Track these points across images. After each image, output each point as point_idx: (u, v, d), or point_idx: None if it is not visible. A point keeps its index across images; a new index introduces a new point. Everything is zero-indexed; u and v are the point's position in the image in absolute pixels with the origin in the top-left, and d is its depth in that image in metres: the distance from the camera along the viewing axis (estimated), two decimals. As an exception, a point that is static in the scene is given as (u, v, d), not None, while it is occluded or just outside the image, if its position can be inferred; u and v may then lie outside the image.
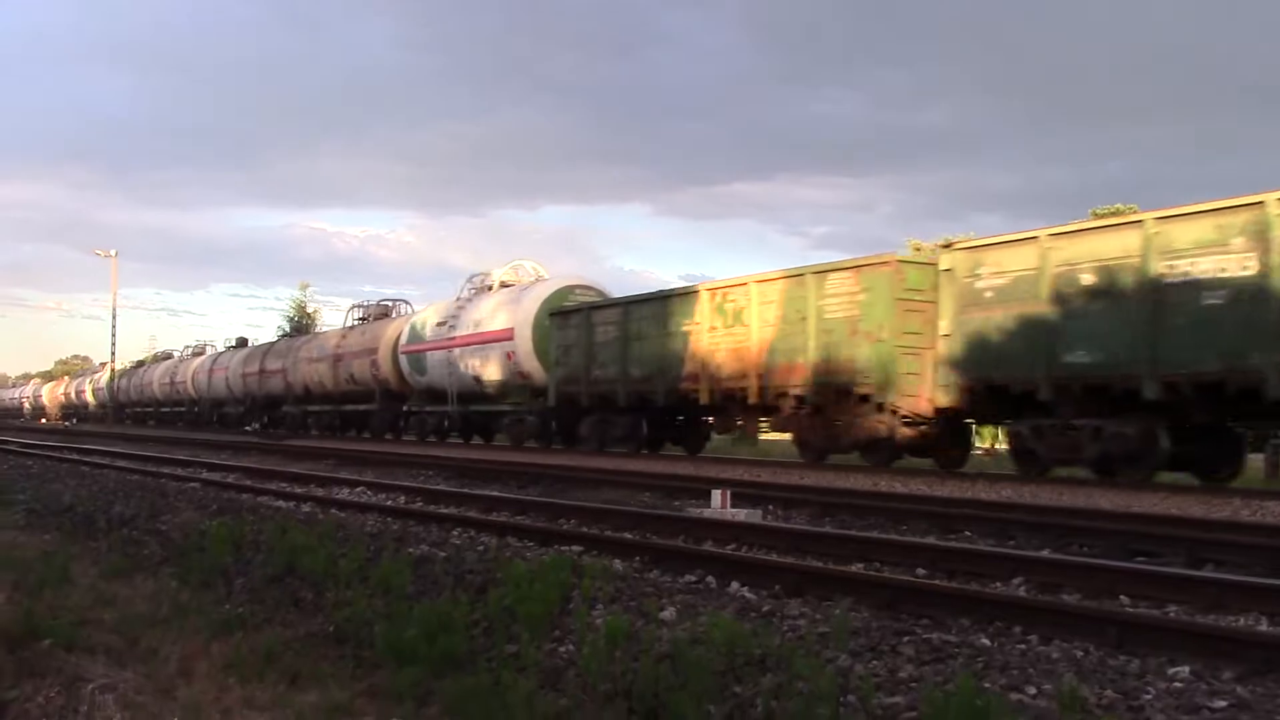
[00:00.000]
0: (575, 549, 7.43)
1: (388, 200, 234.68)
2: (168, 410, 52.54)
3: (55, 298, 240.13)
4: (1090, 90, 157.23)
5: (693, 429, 21.64)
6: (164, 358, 57.73)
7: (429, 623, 4.80)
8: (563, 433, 23.60)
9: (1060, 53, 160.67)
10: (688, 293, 19.75)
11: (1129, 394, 12.96)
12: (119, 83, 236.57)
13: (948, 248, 15.34)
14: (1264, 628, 5.05)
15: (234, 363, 42.78)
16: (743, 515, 9.14)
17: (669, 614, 5.21)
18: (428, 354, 28.07)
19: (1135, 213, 15.95)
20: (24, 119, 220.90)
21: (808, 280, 16.98)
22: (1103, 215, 23.42)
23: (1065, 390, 13.66)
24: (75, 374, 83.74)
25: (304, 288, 61.83)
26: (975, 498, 10.98)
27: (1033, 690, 3.88)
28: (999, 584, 6.22)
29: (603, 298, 24.29)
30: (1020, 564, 6.55)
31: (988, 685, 3.88)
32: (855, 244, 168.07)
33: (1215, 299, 12.13)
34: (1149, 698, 3.79)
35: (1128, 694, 3.83)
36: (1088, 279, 13.39)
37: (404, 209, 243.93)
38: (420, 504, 10.94)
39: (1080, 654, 4.39)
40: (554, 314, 23.41)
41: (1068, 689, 3.66)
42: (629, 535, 8.33)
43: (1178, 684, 3.95)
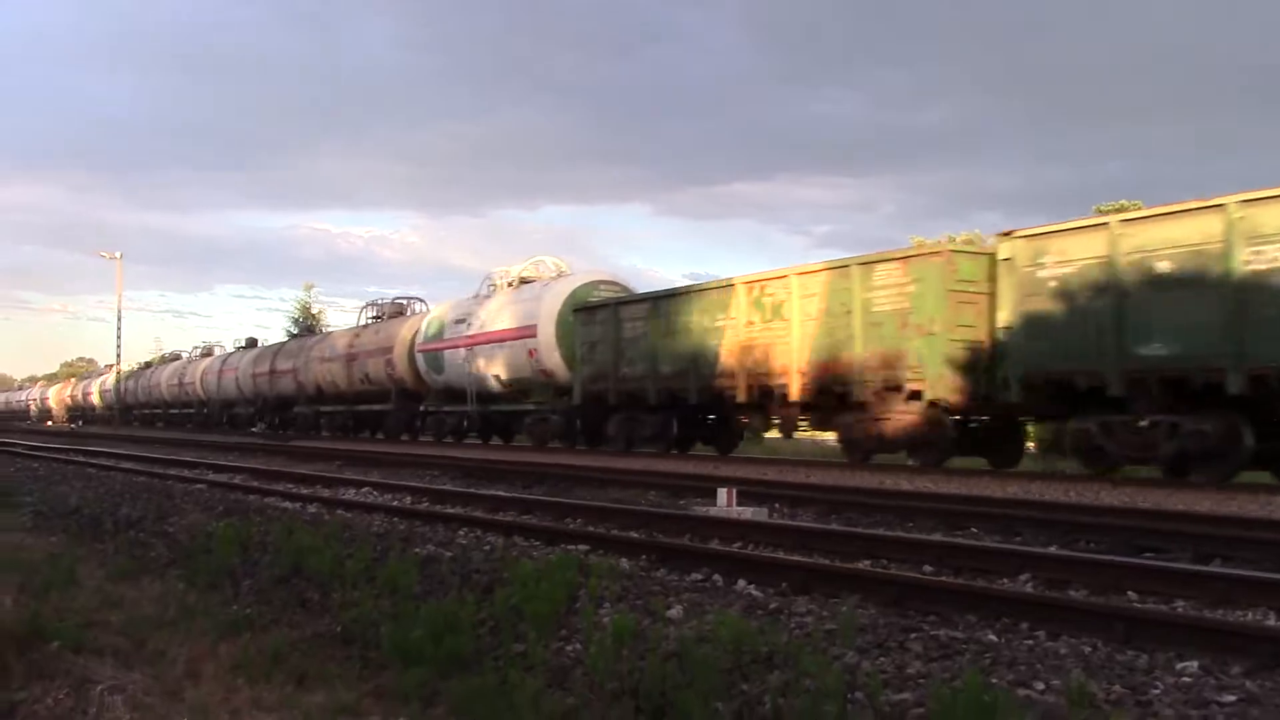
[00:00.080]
0: (581, 548, 7.44)
1: (389, 201, 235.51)
2: (176, 412, 51.93)
3: (60, 300, 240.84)
4: (1090, 90, 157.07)
5: (725, 428, 20.76)
6: (172, 359, 57.27)
7: (435, 623, 4.80)
8: (587, 432, 22.97)
9: (1060, 52, 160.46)
10: (722, 286, 18.95)
11: (1210, 388, 12.21)
12: (119, 83, 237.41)
13: (1007, 236, 14.42)
14: (1272, 622, 5.05)
15: (244, 363, 42.09)
16: (749, 513, 9.13)
17: (676, 612, 5.21)
18: (445, 352, 27.31)
19: (1138, 208, 15.61)
20: (24, 120, 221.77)
21: (853, 272, 16.21)
22: (1106, 212, 23.20)
23: (1139, 384, 12.89)
24: (81, 376, 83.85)
25: (308, 288, 61.50)
26: (981, 495, 10.97)
27: (1041, 686, 3.88)
28: (1006, 580, 6.21)
29: (627, 293, 23.53)
30: (1027, 560, 6.53)
31: (995, 681, 3.87)
32: (857, 243, 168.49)
33: None
34: (1157, 692, 3.79)
35: (1136, 689, 3.82)
36: (1164, 267, 12.55)
37: (406, 209, 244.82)
38: (426, 504, 10.95)
39: (1088, 649, 4.39)
40: (578, 310, 22.77)
41: (1076, 684, 3.66)
42: (635, 534, 8.34)
43: (1186, 679, 3.94)
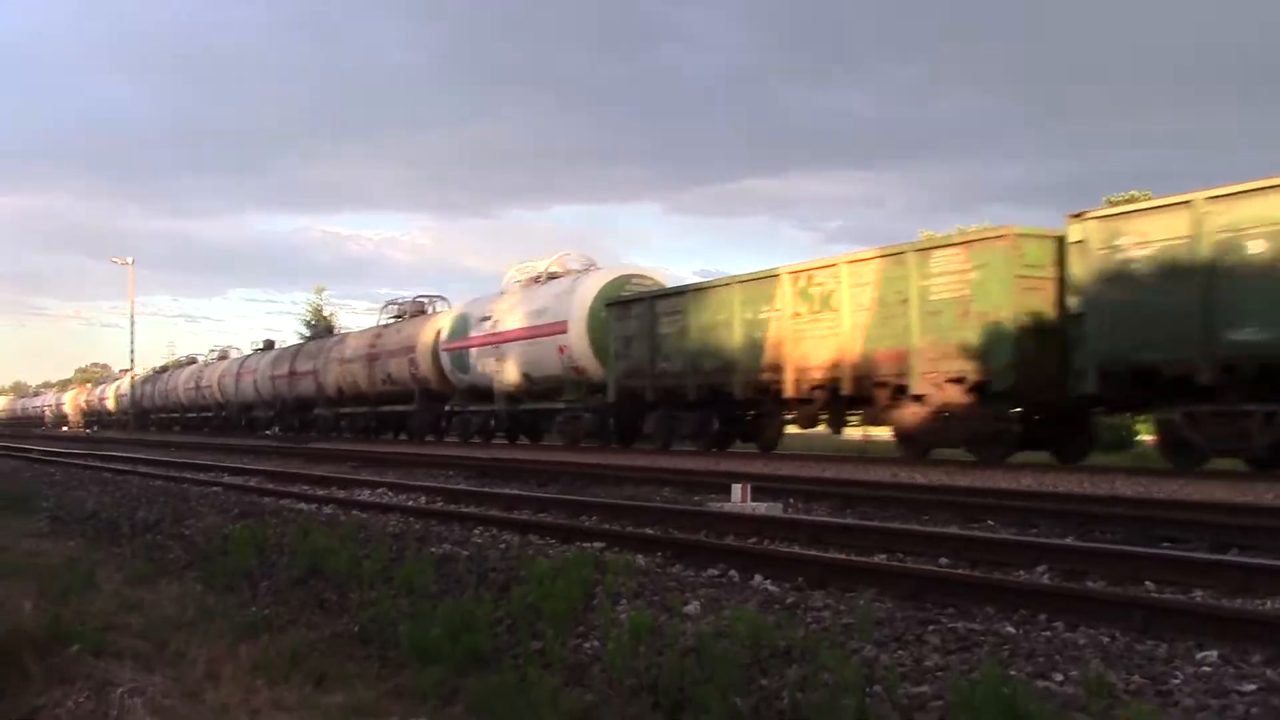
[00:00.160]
0: (597, 545, 7.43)
1: (398, 203, 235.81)
2: (194, 415, 51.76)
3: (73, 306, 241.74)
4: (1098, 84, 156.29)
5: (768, 424, 19.84)
6: (188, 363, 57.40)
7: (453, 622, 4.81)
8: (621, 430, 22.40)
9: (1067, 48, 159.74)
10: (766, 277, 18.34)
11: None
12: (127, 88, 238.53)
13: (1078, 217, 13.71)
14: (1292, 611, 5.02)
15: (262, 365, 41.71)
16: (764, 509, 9.13)
17: (693, 608, 5.21)
18: (471, 350, 26.80)
19: (1147, 198, 15.29)
20: (33, 126, 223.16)
21: (908, 259, 15.56)
22: (1116, 203, 23.01)
23: (1232, 372, 12.22)
24: (96, 381, 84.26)
25: (319, 291, 61.91)
26: (997, 487, 10.94)
27: (1059, 677, 3.86)
28: (1023, 572, 6.19)
29: (660, 287, 22.84)
30: (1044, 552, 6.51)
31: (1014, 673, 3.86)
32: (870, 237, 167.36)
33: None
34: (1177, 682, 3.77)
35: (1155, 679, 3.81)
36: (1258, 246, 11.87)
37: (415, 211, 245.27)
38: (441, 504, 10.97)
39: (1106, 640, 4.37)
40: (611, 304, 22.17)
41: (1095, 675, 3.64)
42: (650, 531, 8.33)
43: (1206, 668, 3.92)
